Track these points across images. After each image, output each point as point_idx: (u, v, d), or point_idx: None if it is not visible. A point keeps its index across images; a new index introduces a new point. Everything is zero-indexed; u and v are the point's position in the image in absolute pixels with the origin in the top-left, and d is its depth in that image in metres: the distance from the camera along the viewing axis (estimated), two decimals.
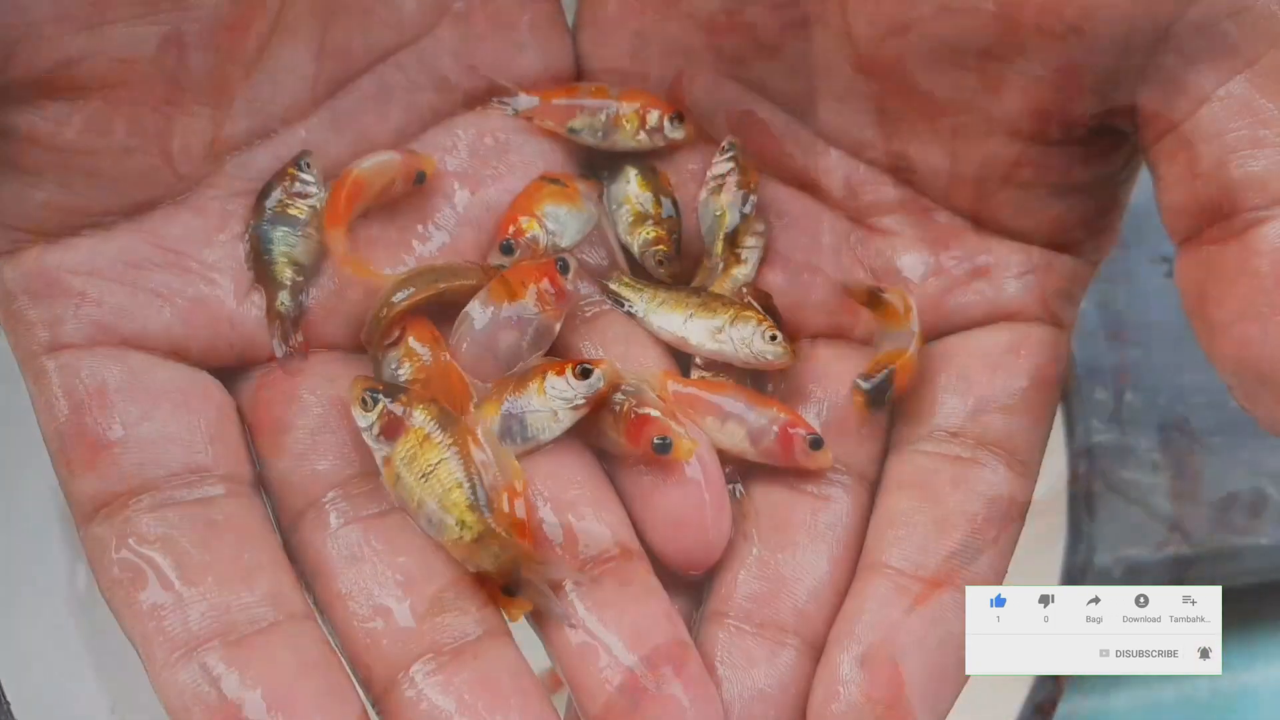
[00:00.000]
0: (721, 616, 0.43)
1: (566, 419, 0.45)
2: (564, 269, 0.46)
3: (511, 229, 0.47)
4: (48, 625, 0.66)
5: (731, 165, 0.49)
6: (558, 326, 0.47)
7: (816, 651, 0.43)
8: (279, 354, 0.45)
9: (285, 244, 0.45)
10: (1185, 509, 0.72)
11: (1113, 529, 0.70)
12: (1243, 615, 0.73)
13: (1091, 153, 0.46)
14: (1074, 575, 0.65)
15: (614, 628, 0.41)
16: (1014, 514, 0.45)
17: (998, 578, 0.44)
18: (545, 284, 0.46)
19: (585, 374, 0.45)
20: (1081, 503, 0.66)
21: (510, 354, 0.46)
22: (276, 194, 0.46)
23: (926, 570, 0.43)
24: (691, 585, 0.45)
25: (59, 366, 0.42)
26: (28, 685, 0.62)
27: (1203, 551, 0.72)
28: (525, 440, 0.45)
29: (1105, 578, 0.70)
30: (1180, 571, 0.72)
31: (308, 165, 0.46)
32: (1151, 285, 0.75)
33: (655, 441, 0.44)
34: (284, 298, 0.45)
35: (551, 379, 0.45)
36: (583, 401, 0.45)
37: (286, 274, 0.45)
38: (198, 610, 0.39)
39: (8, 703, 0.60)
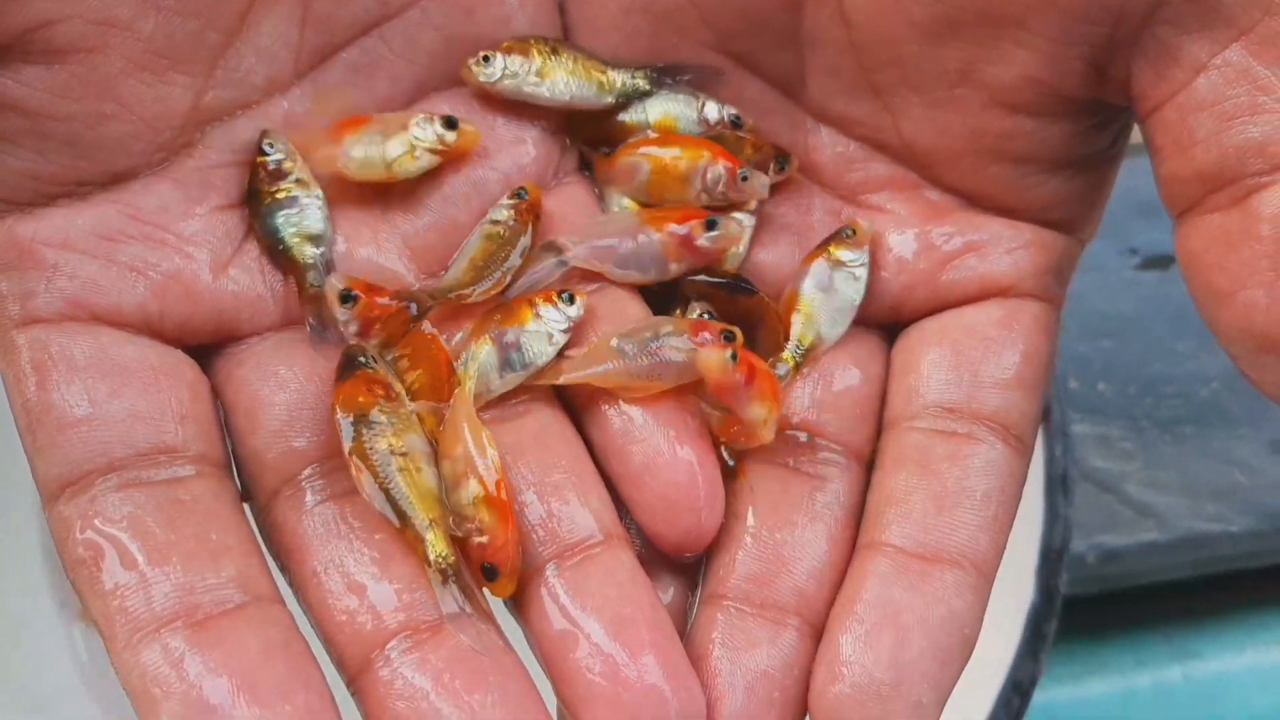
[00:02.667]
0: (720, 598, 0.40)
1: (560, 340, 0.43)
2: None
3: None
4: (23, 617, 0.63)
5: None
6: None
7: (817, 632, 0.40)
8: (315, 337, 0.42)
9: (292, 225, 0.42)
10: (1157, 497, 0.71)
11: (1087, 516, 0.68)
12: (1215, 602, 0.72)
13: (1084, 127, 0.43)
14: (1050, 559, 0.63)
15: (595, 615, 0.38)
16: (1012, 490, 0.42)
17: (998, 555, 0.41)
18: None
19: (570, 300, 0.43)
20: (1058, 485, 0.63)
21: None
22: (260, 187, 0.43)
23: (927, 548, 0.40)
24: (687, 568, 0.42)
25: (29, 341, 0.39)
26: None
27: (1175, 538, 0.71)
28: (524, 367, 0.42)
29: (1080, 564, 0.69)
30: (1153, 558, 0.70)
31: (271, 145, 0.43)
32: (1122, 278, 0.75)
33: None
34: (313, 278, 0.42)
35: (542, 306, 0.43)
36: (569, 326, 0.43)
37: (307, 252, 0.42)
38: (161, 590, 0.36)
39: None
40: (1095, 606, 0.70)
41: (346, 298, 0.41)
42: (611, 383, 0.42)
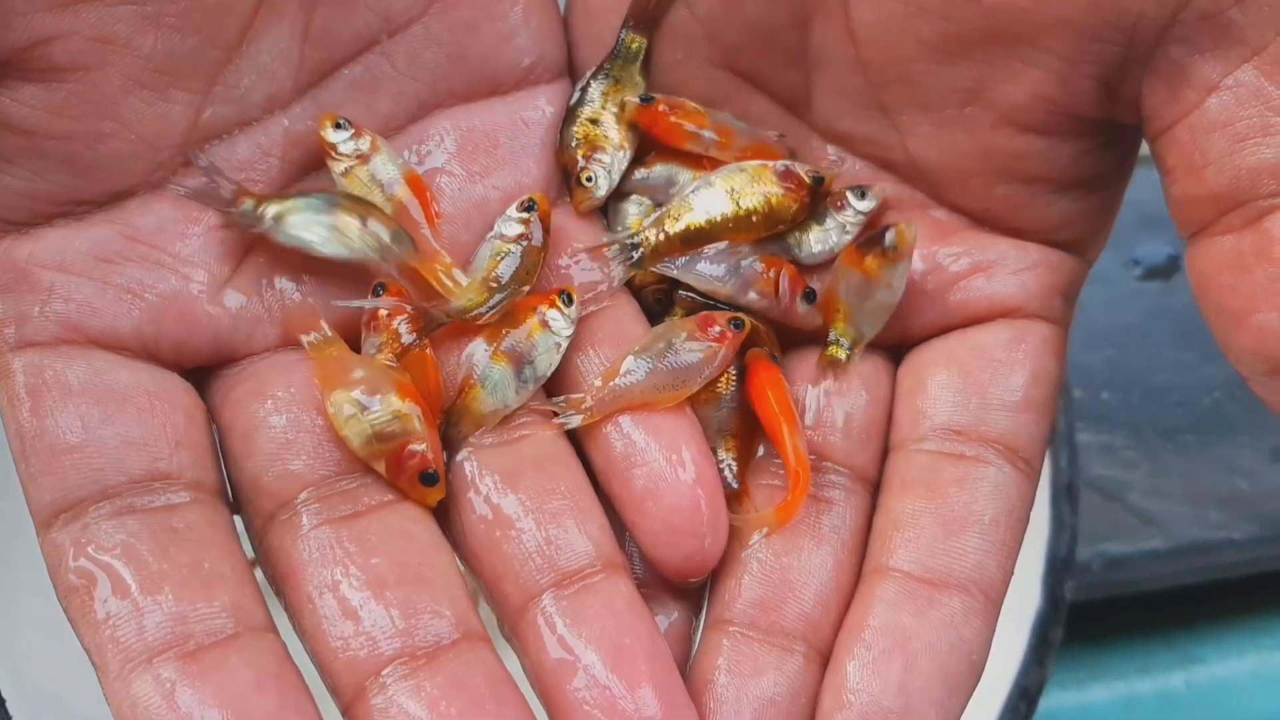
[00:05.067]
0: (725, 624, 0.38)
1: (566, 345, 0.41)
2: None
3: None
4: (46, 622, 0.62)
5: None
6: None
7: (824, 658, 0.38)
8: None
9: (294, 229, 0.40)
10: (1161, 504, 0.70)
11: (1091, 523, 0.66)
12: (1217, 608, 0.70)
13: (1093, 146, 0.41)
14: (1056, 568, 0.60)
15: (593, 645, 0.36)
16: (1020, 514, 0.40)
17: (1006, 580, 0.39)
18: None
19: (569, 300, 0.41)
20: (1064, 495, 0.60)
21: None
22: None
23: (935, 573, 0.38)
24: (691, 592, 0.40)
25: (24, 365, 0.37)
26: (25, 683, 0.58)
27: (1178, 545, 0.69)
28: (536, 379, 0.41)
29: (1085, 571, 0.67)
30: (1156, 565, 0.68)
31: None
32: (1125, 289, 0.74)
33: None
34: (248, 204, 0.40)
35: (549, 314, 0.41)
36: (573, 329, 0.41)
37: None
38: (153, 620, 0.34)
39: (3, 700, 0.55)
40: (1099, 613, 0.68)
41: (378, 290, 0.41)
42: (641, 400, 0.40)
